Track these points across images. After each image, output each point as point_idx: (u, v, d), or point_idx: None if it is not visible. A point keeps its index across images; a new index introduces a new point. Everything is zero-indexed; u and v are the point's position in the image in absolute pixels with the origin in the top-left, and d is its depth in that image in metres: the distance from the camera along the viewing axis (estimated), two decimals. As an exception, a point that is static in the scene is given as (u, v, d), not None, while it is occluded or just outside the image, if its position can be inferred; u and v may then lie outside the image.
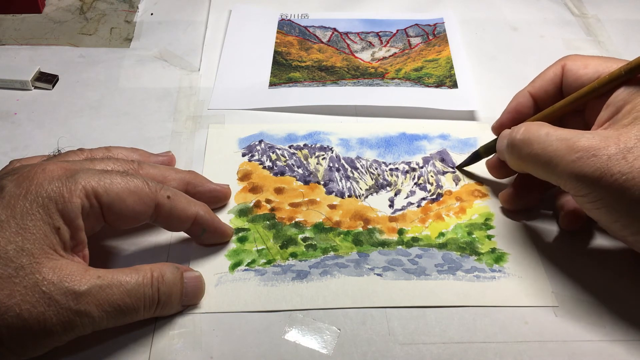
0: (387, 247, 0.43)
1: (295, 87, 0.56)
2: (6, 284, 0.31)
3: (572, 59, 0.43)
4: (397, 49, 0.61)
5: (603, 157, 0.35)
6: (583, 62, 0.42)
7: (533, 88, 0.44)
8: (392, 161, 0.49)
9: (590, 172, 0.35)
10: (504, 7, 0.68)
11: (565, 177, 0.37)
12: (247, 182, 0.47)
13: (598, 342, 0.37)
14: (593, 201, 0.36)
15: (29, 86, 0.55)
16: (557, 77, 0.43)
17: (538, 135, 0.38)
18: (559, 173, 0.37)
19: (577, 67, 0.42)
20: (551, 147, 0.37)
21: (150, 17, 0.65)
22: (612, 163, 0.35)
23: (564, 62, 0.43)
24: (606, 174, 0.35)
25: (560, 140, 0.37)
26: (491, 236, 0.44)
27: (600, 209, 0.36)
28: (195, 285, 0.38)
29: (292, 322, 0.38)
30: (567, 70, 0.42)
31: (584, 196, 0.37)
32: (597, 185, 0.35)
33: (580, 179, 0.36)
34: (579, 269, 0.42)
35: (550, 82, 0.43)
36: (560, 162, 0.37)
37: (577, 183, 0.36)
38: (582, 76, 0.41)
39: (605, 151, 0.35)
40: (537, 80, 0.44)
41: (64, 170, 0.35)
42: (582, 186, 0.36)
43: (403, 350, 0.37)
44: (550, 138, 0.38)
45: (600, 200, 0.36)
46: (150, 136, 0.51)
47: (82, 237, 0.35)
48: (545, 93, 0.44)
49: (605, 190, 0.35)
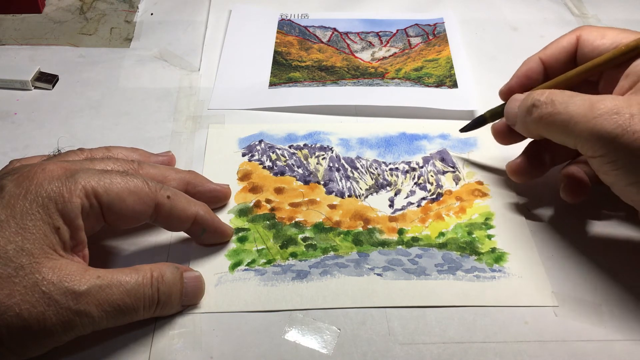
0: (387, 247, 0.43)
1: (295, 87, 0.56)
2: (6, 284, 0.31)
3: (587, 29, 0.42)
4: (397, 48, 0.61)
5: (626, 114, 0.35)
6: (600, 33, 0.42)
7: (545, 55, 0.44)
8: (392, 161, 0.49)
9: (611, 129, 0.35)
10: (504, 7, 0.68)
11: (584, 135, 0.36)
12: (247, 182, 0.47)
13: (598, 342, 0.37)
14: (610, 162, 0.36)
15: (29, 86, 0.55)
16: (571, 46, 0.43)
17: (562, 96, 0.38)
18: (578, 131, 0.36)
19: (593, 37, 0.42)
20: (573, 105, 0.37)
21: (150, 17, 0.65)
22: (635, 121, 0.34)
23: (579, 33, 0.43)
24: (628, 132, 0.34)
25: (584, 99, 0.37)
26: (491, 236, 0.44)
27: (618, 170, 0.36)
28: (195, 285, 0.38)
29: (292, 322, 0.38)
30: (584, 40, 0.42)
31: (602, 156, 0.36)
32: (616, 144, 0.35)
33: (600, 136, 0.35)
34: (579, 269, 0.42)
35: (563, 51, 0.43)
36: (581, 119, 0.36)
37: (596, 142, 0.36)
38: (599, 46, 0.41)
39: (628, 110, 0.35)
40: (549, 47, 0.44)
41: (63, 170, 0.35)
42: (601, 145, 0.36)
43: (403, 350, 0.37)
44: (574, 99, 0.37)
45: (617, 160, 0.35)
46: (150, 136, 0.51)
47: (82, 237, 0.35)
48: (556, 61, 0.43)
49: (625, 149, 0.35)
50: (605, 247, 0.43)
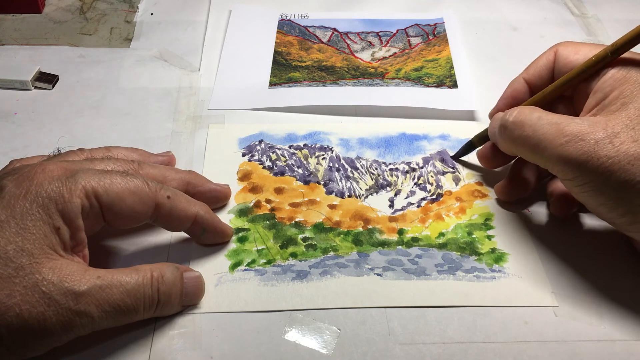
0: (387, 247, 0.43)
1: (295, 87, 0.56)
2: (6, 284, 0.31)
3: (564, 45, 0.43)
4: (397, 48, 0.61)
5: (590, 141, 0.36)
6: (574, 48, 0.42)
7: (527, 74, 0.45)
8: (392, 161, 0.49)
9: (577, 155, 0.36)
10: (504, 7, 0.68)
11: (553, 160, 0.38)
12: (247, 182, 0.47)
13: (598, 342, 0.37)
14: (580, 184, 0.37)
15: (29, 86, 0.55)
16: (549, 62, 0.44)
17: (530, 119, 0.39)
18: (547, 156, 0.38)
19: (568, 52, 0.43)
20: (541, 130, 0.38)
21: (150, 17, 0.65)
22: (599, 147, 0.36)
23: (556, 48, 0.44)
24: (593, 158, 0.36)
25: (550, 124, 0.38)
26: (491, 236, 0.44)
27: (588, 192, 0.37)
28: (195, 285, 0.38)
29: (292, 322, 0.38)
30: (559, 55, 0.43)
31: (572, 180, 0.37)
32: (584, 169, 0.36)
33: (567, 162, 0.37)
34: (579, 269, 0.42)
35: (544, 68, 0.44)
36: (549, 145, 0.37)
37: (564, 166, 0.37)
38: (572, 61, 0.42)
39: (592, 136, 0.36)
40: (531, 66, 0.45)
41: (64, 170, 0.35)
42: (569, 169, 0.37)
43: (403, 350, 0.37)
44: (541, 122, 0.38)
45: (587, 183, 0.37)
46: (150, 136, 0.51)
47: (82, 237, 0.35)
48: (539, 79, 0.44)
49: (592, 173, 0.36)
50: (605, 247, 0.43)
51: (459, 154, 0.49)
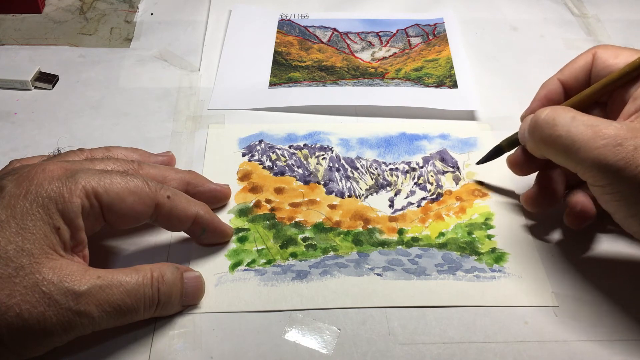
0: (387, 247, 0.43)
1: (295, 87, 0.56)
2: (6, 284, 0.31)
3: (603, 48, 0.42)
4: (397, 49, 0.61)
5: (629, 147, 0.34)
6: (614, 52, 0.41)
7: (562, 75, 0.43)
8: (392, 161, 0.49)
9: (614, 161, 0.34)
10: (504, 7, 0.68)
11: (587, 164, 0.35)
12: (247, 182, 0.47)
13: (598, 342, 0.37)
14: (611, 192, 0.35)
15: (29, 86, 0.55)
16: (587, 64, 0.42)
17: (564, 117, 0.37)
18: (580, 159, 0.36)
19: (607, 56, 0.41)
20: (576, 130, 0.36)
21: (150, 17, 0.65)
22: (638, 154, 0.34)
23: (595, 51, 0.42)
24: (630, 165, 0.34)
25: (586, 125, 0.36)
26: (491, 236, 0.44)
27: (619, 201, 0.35)
28: (195, 285, 0.38)
29: (292, 322, 0.38)
30: (597, 58, 0.41)
31: (603, 186, 0.36)
32: (619, 176, 0.34)
33: (602, 167, 0.35)
34: (579, 269, 0.42)
35: (581, 70, 0.42)
36: (584, 147, 0.35)
37: (598, 172, 0.35)
38: (611, 65, 0.40)
39: (632, 141, 0.34)
40: (566, 67, 0.43)
41: (64, 170, 0.35)
42: (602, 175, 0.35)
43: (403, 350, 0.37)
44: (576, 122, 0.36)
45: (619, 192, 0.35)
46: (150, 136, 0.51)
47: (82, 237, 0.35)
48: (575, 80, 0.42)
49: (627, 181, 0.34)
50: (605, 248, 0.43)
51: (485, 159, 0.47)
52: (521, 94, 0.46)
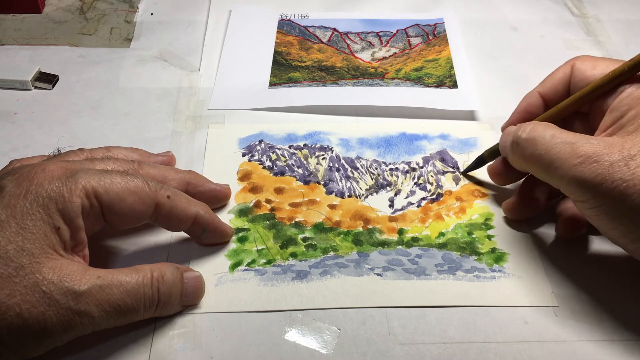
0: (387, 247, 0.43)
1: (295, 87, 0.56)
2: (6, 284, 0.31)
3: (581, 59, 0.42)
4: (397, 49, 0.61)
5: (605, 163, 0.35)
6: (592, 63, 0.41)
7: (543, 88, 0.44)
8: (392, 161, 0.49)
9: (591, 177, 0.35)
10: (504, 7, 0.68)
11: (566, 180, 0.36)
12: (247, 182, 0.47)
13: (598, 342, 0.37)
14: (593, 207, 0.36)
15: (29, 86, 0.55)
16: (566, 76, 0.42)
17: (543, 137, 0.38)
18: (560, 176, 0.37)
19: (585, 67, 0.41)
20: (555, 149, 0.37)
21: (150, 17, 0.65)
22: (614, 170, 0.34)
23: (573, 62, 0.42)
24: (607, 180, 0.35)
25: (564, 143, 0.37)
26: (491, 236, 0.44)
27: (600, 215, 0.36)
28: (195, 285, 0.38)
29: (292, 322, 0.38)
30: (576, 69, 0.42)
31: (584, 202, 0.36)
32: (597, 191, 0.35)
33: (580, 183, 0.35)
34: (579, 269, 0.42)
35: (560, 82, 0.43)
36: (562, 165, 0.36)
37: (577, 188, 0.36)
38: (589, 77, 0.41)
39: (607, 157, 0.35)
40: (546, 80, 0.44)
41: (64, 170, 0.35)
42: (582, 191, 0.36)
43: (403, 350, 0.37)
44: (555, 140, 0.37)
45: (600, 206, 0.36)
46: (150, 136, 0.51)
47: (82, 237, 0.35)
48: (554, 93, 0.43)
49: (606, 196, 0.35)
50: (605, 248, 0.43)
51: (468, 169, 0.48)
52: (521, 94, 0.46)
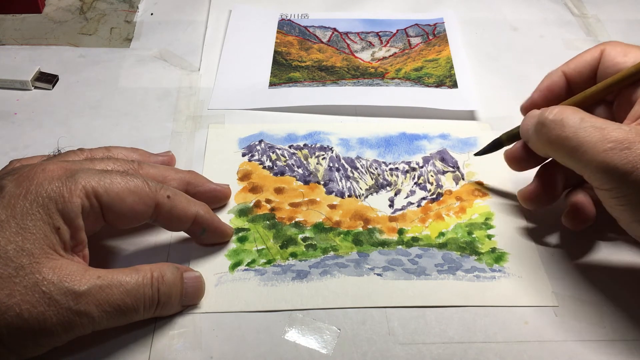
0: (387, 247, 0.43)
1: (295, 87, 0.56)
2: (6, 284, 0.31)
3: (612, 44, 0.41)
4: (397, 48, 0.61)
5: (637, 150, 0.33)
6: (623, 50, 0.40)
7: (568, 68, 0.42)
8: (392, 161, 0.49)
9: (621, 164, 0.34)
10: (504, 7, 0.68)
11: (592, 166, 0.35)
12: (247, 182, 0.47)
13: (598, 342, 0.37)
14: (617, 197, 0.35)
15: (29, 86, 0.55)
16: (594, 60, 0.41)
17: (572, 118, 0.36)
18: (586, 161, 0.35)
19: (616, 53, 0.40)
20: (583, 132, 0.35)
21: (150, 17, 0.65)
22: None
23: (603, 47, 0.41)
24: (638, 169, 0.33)
25: (595, 127, 0.35)
26: (491, 236, 0.44)
27: (624, 206, 0.35)
28: (195, 285, 0.38)
29: (292, 322, 0.38)
30: (606, 55, 0.41)
31: (609, 190, 0.35)
32: (625, 180, 0.34)
33: (608, 170, 0.34)
34: (579, 269, 0.42)
35: (587, 65, 0.41)
36: (591, 149, 0.35)
37: (604, 175, 0.34)
38: (620, 63, 0.39)
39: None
40: (572, 61, 0.42)
41: (64, 170, 0.35)
42: (608, 179, 0.34)
43: (403, 350, 0.37)
44: (584, 124, 0.36)
45: (625, 196, 0.34)
46: (150, 136, 0.51)
47: (82, 237, 0.35)
48: (579, 75, 0.42)
49: (634, 185, 0.33)
50: (606, 248, 0.43)
51: (483, 151, 0.47)
52: (521, 94, 0.46)
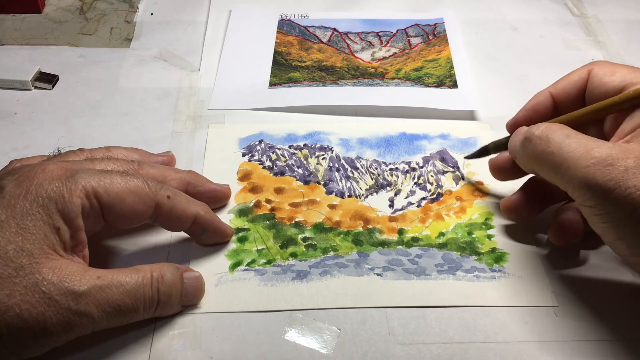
0: (387, 247, 0.43)
1: (295, 87, 0.56)
2: (6, 284, 0.31)
3: (600, 64, 0.41)
4: (397, 49, 0.61)
5: (620, 167, 0.33)
6: (611, 69, 0.40)
7: (555, 89, 0.43)
8: (392, 161, 0.49)
9: (603, 181, 0.34)
10: (504, 7, 0.68)
11: (576, 182, 0.35)
12: (247, 182, 0.47)
13: (598, 342, 0.37)
14: (600, 214, 0.35)
15: (29, 86, 0.55)
16: (582, 80, 0.41)
17: (557, 135, 0.37)
18: (569, 177, 0.35)
19: (603, 73, 0.40)
20: (568, 148, 0.36)
21: (150, 17, 0.65)
22: (629, 176, 0.33)
23: (591, 67, 0.41)
24: (620, 186, 0.33)
25: (579, 143, 0.35)
26: (491, 236, 0.44)
27: (607, 223, 0.35)
28: (195, 285, 0.38)
29: (292, 322, 0.38)
30: (593, 75, 0.41)
31: (592, 207, 0.35)
32: (608, 197, 0.33)
33: (591, 187, 0.34)
34: (579, 268, 0.42)
35: (574, 85, 0.41)
36: (574, 165, 0.35)
37: (586, 191, 0.34)
38: (607, 83, 0.39)
39: (623, 162, 0.34)
40: (560, 81, 0.43)
41: (64, 170, 0.35)
42: (591, 195, 0.34)
43: (403, 350, 0.37)
44: (569, 140, 0.36)
45: (608, 213, 0.34)
46: (150, 136, 0.51)
47: (82, 237, 0.35)
48: (566, 96, 0.42)
49: (616, 203, 0.33)
50: (605, 247, 0.43)
51: (472, 156, 0.47)
52: (521, 94, 0.46)
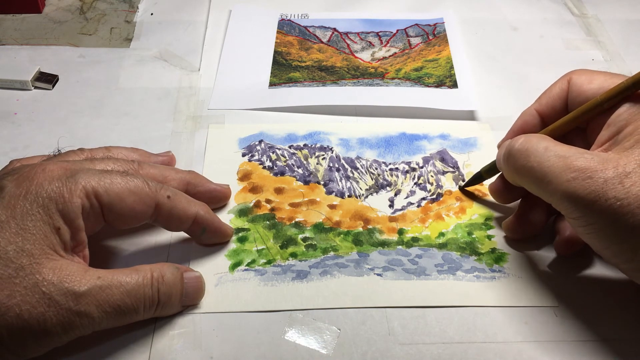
0: (387, 247, 0.43)
1: (295, 87, 0.56)
2: (6, 285, 0.31)
3: (577, 73, 0.41)
4: (397, 49, 0.61)
5: (599, 180, 0.34)
6: (588, 77, 0.40)
7: (540, 105, 0.42)
8: (392, 161, 0.49)
9: (584, 194, 0.34)
10: (504, 7, 0.68)
11: (558, 196, 0.35)
12: (247, 182, 0.47)
13: (598, 342, 0.37)
14: (585, 225, 0.35)
15: (29, 86, 0.55)
16: (563, 92, 0.41)
17: (536, 148, 0.37)
18: (551, 191, 0.36)
19: (581, 81, 0.40)
20: (548, 162, 0.36)
21: (150, 17, 0.65)
22: (608, 187, 0.33)
23: (569, 77, 0.41)
24: (601, 198, 0.33)
25: (558, 157, 0.36)
26: (491, 236, 0.44)
27: (593, 234, 0.35)
28: (195, 285, 0.38)
29: (292, 322, 0.38)
30: (572, 84, 0.41)
31: (577, 219, 0.35)
32: (590, 209, 0.34)
33: (573, 200, 0.34)
34: (578, 269, 0.42)
35: (557, 98, 0.41)
36: (555, 179, 0.35)
37: (569, 204, 0.35)
38: (586, 91, 0.40)
39: (602, 174, 0.34)
40: (543, 96, 0.43)
41: (64, 170, 0.35)
42: (574, 208, 0.35)
43: (403, 350, 0.37)
44: (548, 153, 0.36)
45: (592, 224, 0.34)
46: (150, 136, 0.51)
47: (82, 237, 0.35)
48: (552, 110, 0.42)
49: (599, 214, 0.34)
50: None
51: (467, 184, 0.47)
52: (521, 94, 0.46)
